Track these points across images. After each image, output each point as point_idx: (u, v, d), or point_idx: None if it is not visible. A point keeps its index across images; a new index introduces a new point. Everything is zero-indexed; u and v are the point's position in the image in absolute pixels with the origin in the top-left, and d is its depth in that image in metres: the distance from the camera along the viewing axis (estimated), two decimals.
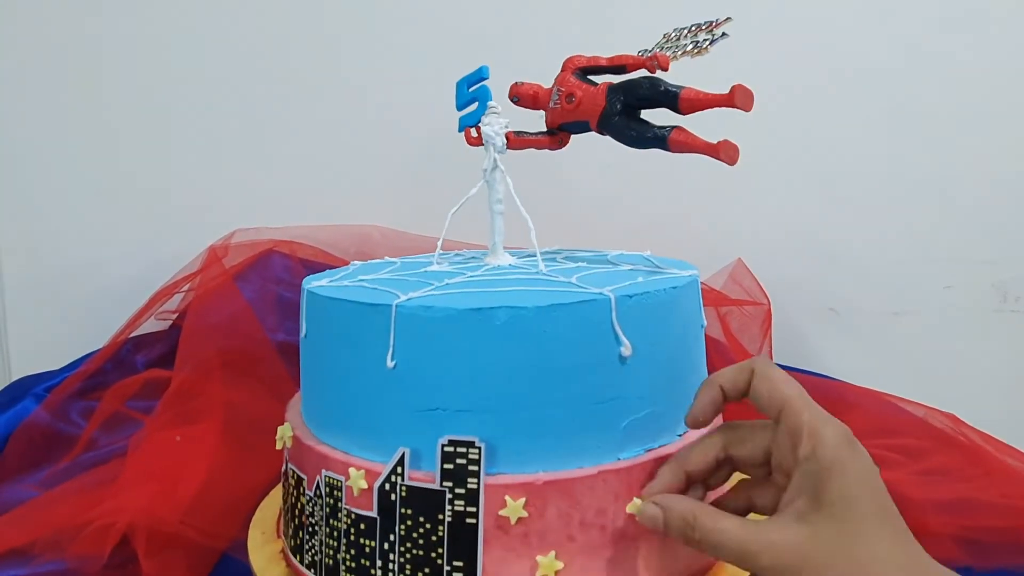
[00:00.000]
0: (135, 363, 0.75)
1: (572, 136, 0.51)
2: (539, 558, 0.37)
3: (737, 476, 0.42)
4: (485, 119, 0.48)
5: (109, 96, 0.81)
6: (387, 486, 0.38)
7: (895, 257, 0.83)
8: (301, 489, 0.42)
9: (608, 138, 0.48)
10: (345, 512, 0.39)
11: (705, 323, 0.49)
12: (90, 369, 0.73)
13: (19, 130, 0.81)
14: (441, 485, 0.37)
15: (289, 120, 0.83)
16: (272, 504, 0.53)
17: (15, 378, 0.76)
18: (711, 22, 0.45)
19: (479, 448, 0.37)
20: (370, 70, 0.80)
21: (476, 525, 0.36)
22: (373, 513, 0.38)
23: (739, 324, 0.77)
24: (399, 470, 0.38)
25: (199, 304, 0.74)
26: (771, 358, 0.76)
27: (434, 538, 0.37)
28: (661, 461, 0.40)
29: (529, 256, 0.54)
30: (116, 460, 0.63)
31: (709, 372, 0.50)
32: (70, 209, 0.82)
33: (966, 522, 0.56)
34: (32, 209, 0.82)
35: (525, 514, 0.37)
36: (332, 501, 0.39)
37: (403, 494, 0.38)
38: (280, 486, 0.51)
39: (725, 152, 0.44)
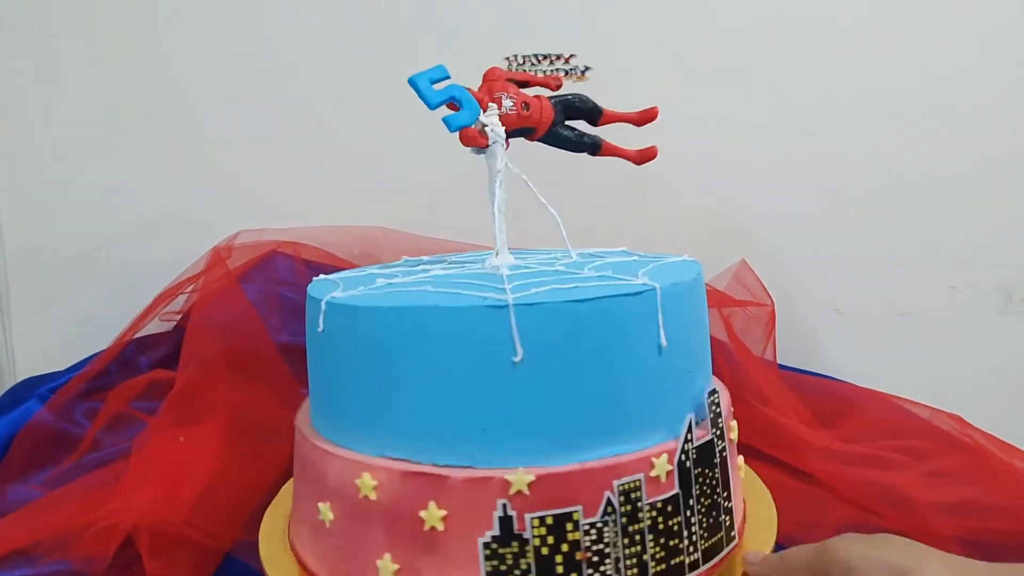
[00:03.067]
0: (139, 364, 0.75)
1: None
2: (738, 462, 0.48)
3: None
4: (485, 118, 0.48)
5: (113, 96, 0.82)
6: (683, 456, 0.41)
7: (900, 258, 0.83)
8: (567, 527, 0.38)
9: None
10: (647, 508, 0.39)
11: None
12: (94, 370, 0.73)
13: (23, 130, 0.81)
14: (711, 433, 0.42)
15: (293, 121, 0.83)
16: (280, 509, 0.52)
17: (20, 379, 0.76)
18: (565, 61, 0.53)
19: (718, 392, 0.44)
20: (373, 71, 0.80)
21: (727, 456, 0.44)
22: (675, 490, 0.40)
23: (743, 324, 0.77)
24: (689, 436, 0.41)
25: (203, 305, 0.74)
26: (775, 359, 0.76)
27: (714, 481, 0.42)
28: None
29: (527, 255, 0.54)
30: (120, 461, 0.64)
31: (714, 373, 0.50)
32: (75, 210, 0.82)
33: (971, 524, 0.56)
34: (37, 210, 0.83)
35: (737, 432, 0.48)
36: (629, 507, 0.39)
37: (694, 456, 0.41)
38: (290, 486, 0.49)
39: (645, 157, 0.55)
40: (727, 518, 0.43)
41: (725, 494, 0.43)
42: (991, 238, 0.81)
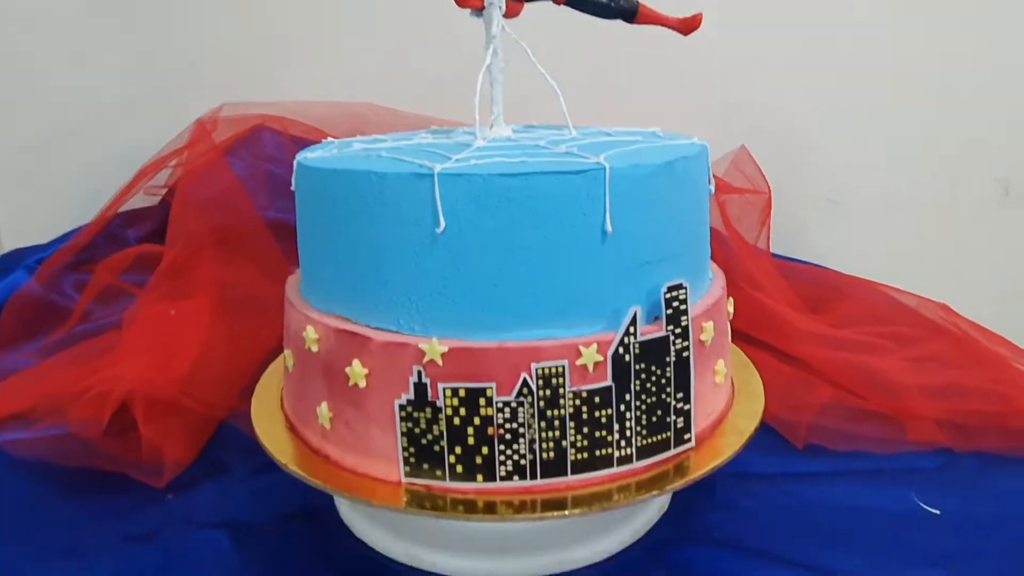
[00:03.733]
0: (127, 238, 0.74)
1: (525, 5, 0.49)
2: (715, 367, 0.45)
3: None
4: None
5: None
6: (620, 350, 0.39)
7: (899, 150, 0.81)
8: (480, 402, 0.38)
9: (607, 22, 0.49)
10: (571, 395, 0.39)
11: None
12: (80, 243, 0.72)
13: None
14: (666, 329, 0.40)
15: None
16: (271, 380, 0.53)
17: (5, 251, 0.75)
18: None
19: (686, 288, 0.41)
20: None
21: (689, 356, 0.41)
22: (607, 382, 0.39)
23: (738, 212, 0.76)
24: (631, 330, 0.39)
25: (188, 180, 0.73)
26: (768, 247, 0.76)
27: (663, 380, 0.41)
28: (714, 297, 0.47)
29: (526, 129, 0.52)
30: (111, 332, 0.64)
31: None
32: (54, 80, 0.79)
33: (950, 406, 0.58)
34: (15, 80, 0.79)
35: (714, 334, 0.44)
36: (549, 392, 0.38)
37: (636, 351, 0.39)
38: (280, 361, 0.50)
39: (690, 26, 0.49)
40: (679, 420, 0.41)
41: (680, 396, 0.41)
42: (992, 130, 0.79)
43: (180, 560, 0.46)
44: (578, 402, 0.39)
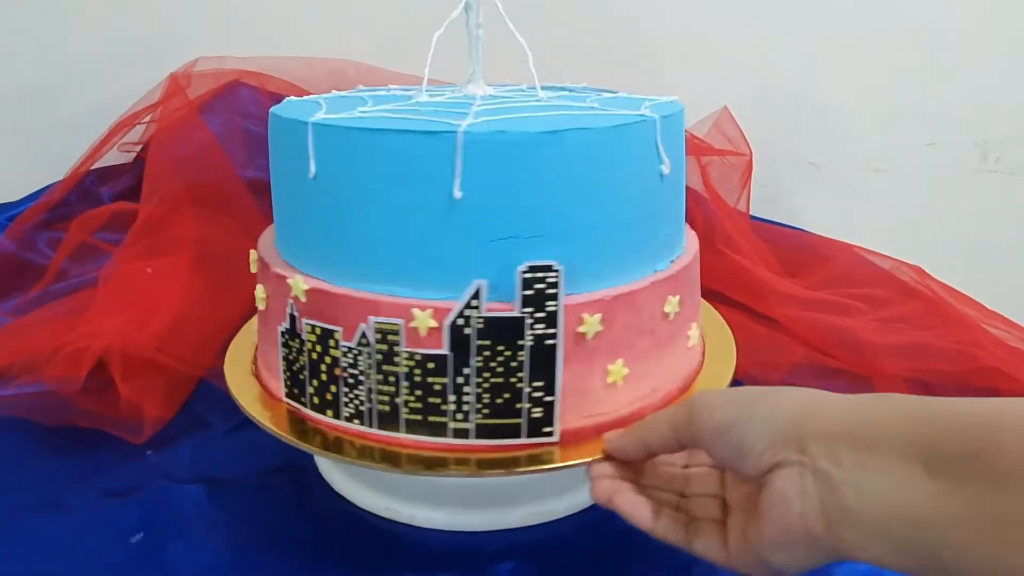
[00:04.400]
0: (100, 195, 0.73)
1: None
2: (609, 367, 0.40)
3: None
4: None
5: None
6: (460, 321, 0.38)
7: (881, 113, 0.81)
8: (330, 343, 0.40)
9: None
10: (405, 355, 0.39)
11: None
12: (53, 199, 0.71)
13: None
14: (521, 311, 0.38)
15: None
16: (247, 337, 0.53)
17: None
18: None
19: (557, 271, 0.37)
20: None
21: (555, 345, 0.38)
22: (444, 350, 0.38)
23: (719, 174, 0.76)
24: (474, 303, 0.38)
25: (162, 136, 0.71)
26: (748, 209, 0.76)
27: (514, 364, 0.38)
28: (686, 270, 0.45)
29: (506, 87, 0.51)
30: (87, 290, 0.63)
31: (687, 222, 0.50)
32: (22, 34, 0.76)
33: (917, 365, 0.59)
34: None
35: (601, 328, 0.39)
36: (386, 347, 0.39)
37: (480, 326, 0.38)
38: (257, 322, 0.51)
39: None
40: (537, 410, 0.39)
41: (539, 384, 0.39)
42: (973, 96, 0.80)
43: (161, 515, 0.46)
44: (412, 363, 0.39)
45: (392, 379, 0.39)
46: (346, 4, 0.79)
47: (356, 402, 0.40)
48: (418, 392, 0.39)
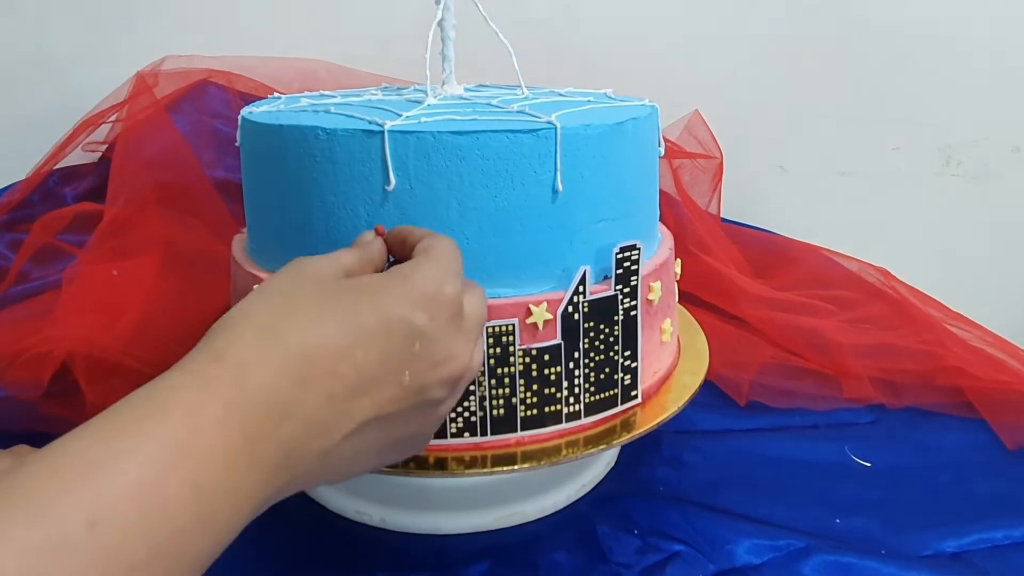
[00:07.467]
0: (64, 196, 0.71)
1: None
2: (662, 326, 0.46)
3: None
4: None
5: None
6: (569, 308, 0.40)
7: (847, 118, 0.83)
8: None
9: None
10: (520, 354, 0.39)
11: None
12: (14, 200, 0.69)
13: None
14: (614, 289, 0.41)
15: None
16: None
17: None
18: None
19: (639, 249, 0.41)
20: None
21: (636, 315, 0.42)
22: (557, 340, 0.40)
23: (690, 177, 0.77)
24: (580, 289, 0.40)
25: (129, 136, 0.70)
26: (719, 212, 0.77)
27: (611, 339, 0.41)
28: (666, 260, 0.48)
29: (477, 89, 0.51)
30: (50, 293, 0.62)
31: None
32: None
33: (883, 364, 0.60)
34: None
35: (662, 293, 0.44)
36: (499, 351, 0.39)
37: (585, 310, 0.40)
38: None
39: None
40: (627, 377, 0.42)
41: (628, 353, 0.42)
42: (935, 100, 0.82)
43: None
44: (528, 360, 0.39)
45: (507, 380, 0.39)
46: (316, 4, 0.78)
47: (466, 415, 0.39)
48: (535, 387, 0.40)
